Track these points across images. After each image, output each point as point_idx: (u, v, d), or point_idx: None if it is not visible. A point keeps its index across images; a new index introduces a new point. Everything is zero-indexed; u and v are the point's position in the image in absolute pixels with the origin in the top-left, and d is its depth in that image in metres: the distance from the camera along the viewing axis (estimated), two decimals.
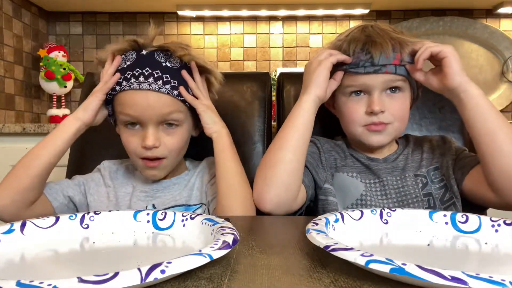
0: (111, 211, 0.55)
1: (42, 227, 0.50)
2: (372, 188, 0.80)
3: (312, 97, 0.75)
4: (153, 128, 0.74)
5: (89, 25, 2.25)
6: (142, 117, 0.73)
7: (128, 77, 0.73)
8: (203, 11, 2.12)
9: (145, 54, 0.75)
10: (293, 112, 0.76)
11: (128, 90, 0.73)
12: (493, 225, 0.50)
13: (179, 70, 0.76)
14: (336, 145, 0.87)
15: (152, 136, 0.73)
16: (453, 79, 0.69)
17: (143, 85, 0.72)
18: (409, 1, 2.11)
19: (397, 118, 0.77)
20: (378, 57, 0.73)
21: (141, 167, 0.77)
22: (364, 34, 0.77)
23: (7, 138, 1.58)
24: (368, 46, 0.74)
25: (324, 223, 0.46)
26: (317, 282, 0.33)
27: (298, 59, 2.26)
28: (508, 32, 2.17)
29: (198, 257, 0.33)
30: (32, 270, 0.40)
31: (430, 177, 0.80)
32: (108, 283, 0.28)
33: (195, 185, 0.83)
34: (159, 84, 0.72)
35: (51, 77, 2.02)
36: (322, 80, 0.74)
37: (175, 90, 0.74)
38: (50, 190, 0.77)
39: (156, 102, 0.73)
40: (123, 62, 0.75)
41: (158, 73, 0.73)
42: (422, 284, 0.31)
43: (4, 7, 1.87)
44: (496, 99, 2.18)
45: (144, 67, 0.73)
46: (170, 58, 0.75)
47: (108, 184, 0.82)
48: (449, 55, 0.69)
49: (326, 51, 0.76)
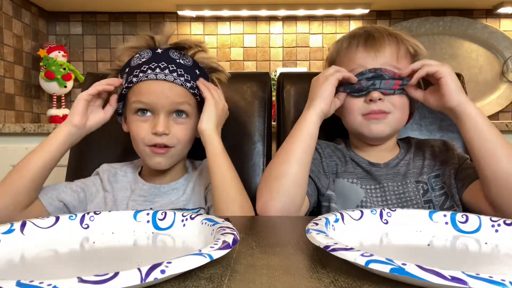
0: (111, 211, 0.55)
1: (42, 227, 0.50)
2: (372, 194, 0.80)
3: (317, 110, 0.75)
4: (164, 116, 0.77)
5: (89, 25, 2.25)
6: (156, 105, 0.77)
7: (145, 70, 0.77)
8: (203, 11, 2.12)
9: (160, 52, 0.79)
10: (298, 125, 0.76)
11: (145, 81, 0.77)
12: (493, 225, 0.50)
13: (192, 68, 0.81)
14: (336, 149, 0.87)
15: (163, 123, 0.76)
16: (450, 99, 0.70)
17: (160, 76, 0.76)
18: (409, 1, 2.11)
19: (397, 108, 0.78)
20: (379, 83, 0.76)
21: (148, 154, 0.78)
22: (364, 29, 0.81)
23: (7, 138, 1.58)
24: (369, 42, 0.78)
25: (324, 223, 0.46)
26: (317, 282, 0.33)
27: (298, 59, 2.26)
28: (508, 32, 2.17)
29: (198, 257, 0.33)
30: (32, 270, 0.40)
31: (431, 184, 0.80)
32: (108, 283, 0.28)
33: (194, 189, 0.83)
34: (174, 75, 0.77)
35: (51, 77, 2.02)
36: (328, 94, 0.75)
37: (188, 83, 0.79)
38: (46, 195, 0.76)
39: (170, 91, 0.77)
40: (137, 59, 0.79)
41: (173, 67, 0.78)
42: (422, 284, 0.31)
43: (4, 7, 1.87)
44: (496, 99, 2.18)
45: (160, 61, 0.78)
46: (183, 57, 0.81)
47: (106, 188, 0.82)
48: (445, 75, 0.70)
49: (333, 67, 0.78)
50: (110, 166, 0.87)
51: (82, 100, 0.77)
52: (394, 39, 0.79)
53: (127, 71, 0.80)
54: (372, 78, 0.76)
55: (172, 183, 0.83)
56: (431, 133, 1.00)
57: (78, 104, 0.77)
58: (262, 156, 0.99)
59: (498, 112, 2.18)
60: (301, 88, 1.04)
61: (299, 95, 1.04)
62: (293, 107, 1.03)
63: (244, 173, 0.97)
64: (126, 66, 0.81)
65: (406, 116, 0.82)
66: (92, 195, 0.82)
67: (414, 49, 0.81)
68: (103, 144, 0.95)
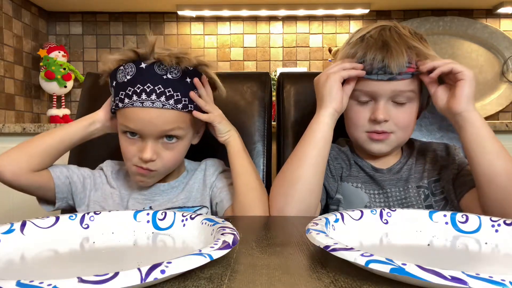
0: (111, 211, 0.55)
1: (42, 227, 0.50)
2: (376, 199, 0.80)
3: (330, 110, 0.74)
4: (152, 142, 0.73)
5: (89, 25, 2.25)
6: (143, 131, 0.73)
7: (130, 93, 0.72)
8: (203, 11, 2.12)
9: (144, 67, 0.72)
10: (311, 127, 0.75)
11: (130, 107, 0.72)
12: (493, 225, 0.50)
13: (181, 80, 0.74)
14: (341, 151, 0.86)
15: (150, 150, 0.73)
16: (460, 102, 0.69)
17: (146, 103, 0.71)
18: (409, 1, 2.11)
19: (400, 128, 0.76)
20: (393, 66, 0.71)
21: (133, 172, 0.78)
22: (381, 39, 0.74)
23: (7, 138, 1.58)
24: (384, 55, 0.72)
25: (324, 223, 0.46)
26: (317, 282, 0.33)
27: (298, 59, 2.26)
28: (508, 32, 2.17)
29: (198, 257, 0.33)
30: (32, 270, 0.40)
31: (431, 189, 0.80)
32: (108, 283, 0.28)
33: (194, 187, 0.83)
34: (162, 100, 0.71)
35: (51, 77, 2.02)
36: (336, 92, 0.73)
37: (179, 104, 0.73)
38: (56, 168, 0.80)
39: (159, 119, 0.72)
40: (122, 75, 0.74)
41: (160, 88, 0.71)
42: (422, 284, 0.31)
43: (4, 7, 1.87)
44: (496, 99, 2.18)
45: (145, 82, 0.71)
46: (170, 69, 0.72)
47: (112, 185, 0.83)
48: (467, 79, 0.68)
49: (337, 65, 0.75)
50: (114, 163, 0.88)
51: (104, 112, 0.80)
52: (413, 56, 0.73)
53: (114, 85, 0.76)
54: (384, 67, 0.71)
55: (172, 181, 0.83)
56: (431, 133, 1.00)
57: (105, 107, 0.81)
58: (262, 156, 0.99)
59: (498, 112, 2.18)
60: (301, 88, 1.04)
61: (299, 95, 1.04)
62: (293, 107, 1.03)
63: None
64: (113, 76, 0.76)
65: (410, 133, 0.80)
66: (97, 184, 0.83)
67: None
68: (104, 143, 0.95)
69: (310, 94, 1.02)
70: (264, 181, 0.97)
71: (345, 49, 0.79)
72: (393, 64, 0.71)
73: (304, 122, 1.01)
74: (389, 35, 0.75)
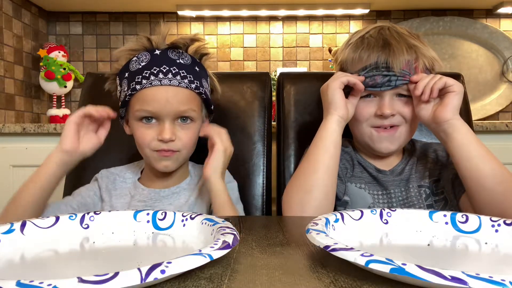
0: (111, 211, 0.55)
1: (42, 227, 0.50)
2: (379, 200, 0.80)
3: (335, 117, 0.76)
4: (169, 122, 0.76)
5: (89, 25, 2.25)
6: (161, 113, 0.75)
7: (147, 75, 0.75)
8: (203, 11, 2.12)
9: (158, 53, 0.77)
10: (320, 134, 0.76)
11: (149, 87, 0.75)
12: (493, 225, 0.50)
13: (192, 66, 0.79)
14: (344, 152, 0.86)
15: (169, 130, 0.75)
16: (448, 111, 0.71)
17: (164, 81, 0.75)
18: (409, 1, 2.11)
19: (407, 121, 0.78)
20: (395, 79, 0.73)
21: (155, 159, 0.78)
22: (382, 38, 0.76)
23: (7, 138, 1.58)
24: (387, 56, 0.74)
25: (324, 223, 0.46)
26: (317, 282, 0.33)
27: (298, 59, 2.26)
28: (508, 32, 2.17)
29: (198, 257, 0.33)
30: (32, 270, 0.40)
31: (431, 189, 0.81)
32: (108, 283, 0.28)
33: (191, 197, 0.82)
34: (178, 79, 0.76)
35: (51, 77, 2.02)
36: (338, 98, 0.75)
37: (192, 84, 0.77)
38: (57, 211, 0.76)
39: (175, 98, 0.75)
40: (136, 64, 0.77)
41: (175, 69, 0.76)
42: (422, 284, 0.31)
43: (4, 7, 1.87)
44: (496, 99, 2.17)
45: (161, 65, 0.76)
46: (182, 55, 0.79)
47: (103, 197, 0.82)
48: (458, 92, 0.71)
49: (339, 73, 0.77)
50: (109, 172, 0.86)
51: (71, 123, 0.73)
52: (413, 54, 0.75)
53: (127, 76, 0.77)
54: (388, 75, 0.73)
55: (173, 187, 0.83)
56: (431, 133, 1.00)
57: (67, 127, 0.73)
58: (262, 156, 0.99)
59: (498, 112, 2.18)
60: (301, 88, 1.04)
61: (299, 95, 1.04)
62: (293, 107, 1.03)
63: (244, 173, 0.97)
64: (124, 70, 0.78)
65: (415, 128, 0.81)
66: (90, 210, 0.80)
67: (432, 64, 0.79)
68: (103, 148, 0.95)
69: (310, 94, 1.03)
70: (264, 181, 0.97)
71: (347, 52, 0.80)
72: (395, 63, 0.73)
73: (304, 122, 1.01)
74: (389, 34, 0.76)
